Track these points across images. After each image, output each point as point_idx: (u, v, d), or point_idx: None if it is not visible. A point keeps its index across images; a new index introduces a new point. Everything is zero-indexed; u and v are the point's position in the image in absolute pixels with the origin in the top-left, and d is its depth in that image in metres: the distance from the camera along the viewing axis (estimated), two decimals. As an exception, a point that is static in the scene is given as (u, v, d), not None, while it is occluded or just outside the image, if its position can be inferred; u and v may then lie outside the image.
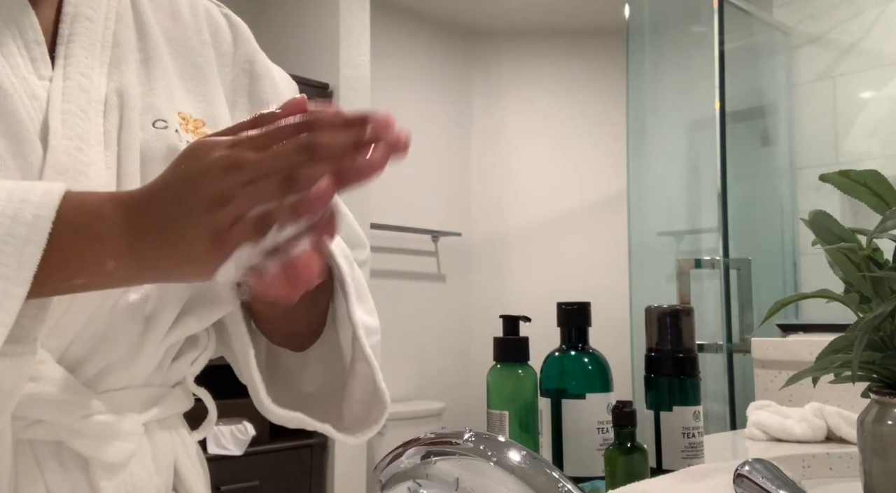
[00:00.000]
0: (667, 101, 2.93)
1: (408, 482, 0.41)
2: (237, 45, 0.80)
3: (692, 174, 2.86)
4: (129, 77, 0.68)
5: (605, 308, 2.15)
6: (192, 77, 0.74)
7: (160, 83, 0.70)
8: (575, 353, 0.93)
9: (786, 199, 2.78)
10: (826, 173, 0.59)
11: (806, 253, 2.67)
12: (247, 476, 2.60)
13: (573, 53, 4.31)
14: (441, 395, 3.95)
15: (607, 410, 0.89)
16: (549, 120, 4.31)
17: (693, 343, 0.92)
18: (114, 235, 0.51)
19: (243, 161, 0.50)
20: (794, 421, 1.11)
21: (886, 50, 2.53)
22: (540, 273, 4.19)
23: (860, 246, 0.58)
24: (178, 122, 0.69)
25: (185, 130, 0.69)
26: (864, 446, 0.58)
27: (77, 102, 0.63)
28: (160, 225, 0.51)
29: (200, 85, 0.74)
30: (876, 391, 0.58)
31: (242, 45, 0.80)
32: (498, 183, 4.32)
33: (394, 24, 3.95)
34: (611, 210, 4.00)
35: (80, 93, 0.64)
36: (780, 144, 2.82)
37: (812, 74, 2.71)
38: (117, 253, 0.51)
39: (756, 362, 1.35)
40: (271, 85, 0.80)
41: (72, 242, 0.51)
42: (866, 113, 2.62)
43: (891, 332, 0.56)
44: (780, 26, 2.78)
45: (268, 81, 0.80)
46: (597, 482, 0.87)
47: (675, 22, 2.95)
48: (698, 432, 0.89)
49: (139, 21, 0.72)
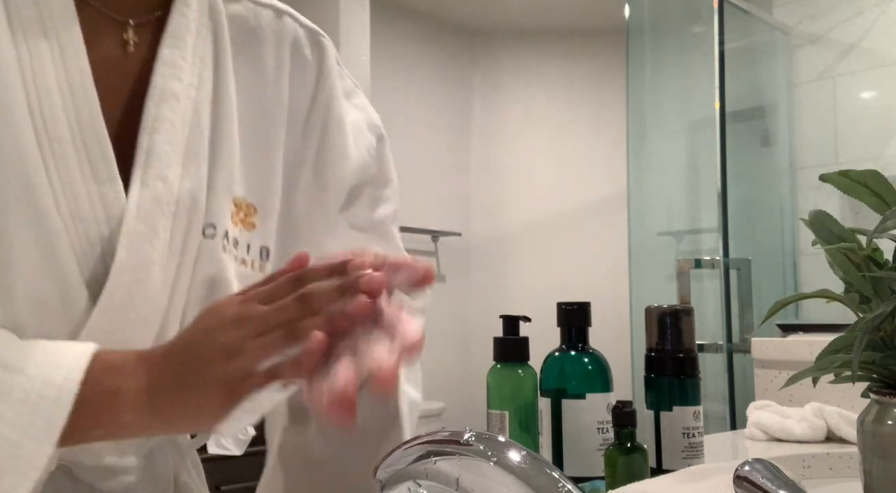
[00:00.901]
0: (667, 101, 2.93)
1: (408, 482, 0.41)
2: (318, 88, 0.76)
3: (692, 174, 2.86)
4: (200, 166, 0.65)
5: (605, 308, 2.15)
6: (255, 151, 0.71)
7: (223, 169, 0.67)
8: (575, 353, 0.93)
9: (786, 199, 2.78)
10: (826, 173, 0.59)
11: (806, 253, 2.67)
12: (247, 476, 2.59)
13: (573, 53, 4.31)
14: (441, 395, 3.95)
15: (607, 410, 0.89)
16: (549, 120, 4.31)
17: (693, 343, 0.92)
18: (133, 389, 0.54)
19: (251, 314, 0.53)
20: (794, 421, 1.11)
21: (886, 50, 2.53)
22: (540, 273, 4.19)
23: (860, 246, 0.58)
24: (229, 213, 0.67)
25: (235, 221, 0.68)
26: (864, 446, 0.58)
27: (149, 219, 0.61)
28: (177, 376, 0.54)
29: (262, 162, 0.72)
30: (876, 391, 0.58)
31: (323, 88, 0.76)
32: (498, 183, 4.32)
33: (394, 24, 3.95)
34: (611, 210, 4.00)
35: (155, 205, 0.61)
36: (780, 144, 2.82)
37: (812, 74, 2.71)
38: (135, 406, 0.53)
39: (756, 362, 1.35)
40: (341, 140, 0.76)
41: (95, 399, 0.53)
42: (866, 113, 2.63)
43: (891, 332, 0.56)
44: (779, 26, 2.78)
45: (338, 136, 0.76)
46: (597, 482, 0.87)
47: (675, 22, 2.95)
48: (698, 432, 0.89)
49: (218, 83, 0.68)
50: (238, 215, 0.69)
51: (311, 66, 0.75)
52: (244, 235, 0.69)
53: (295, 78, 0.74)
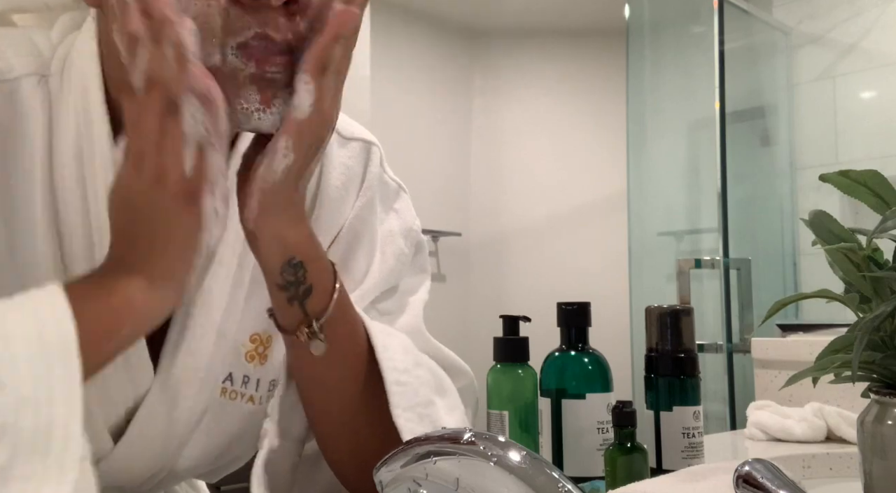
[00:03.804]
0: (667, 101, 2.93)
1: (408, 482, 0.41)
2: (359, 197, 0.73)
3: (692, 174, 2.86)
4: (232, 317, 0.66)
5: (605, 308, 2.15)
6: None
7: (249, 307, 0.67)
8: (575, 353, 0.93)
9: (786, 199, 2.78)
10: (826, 173, 0.59)
11: (806, 253, 2.67)
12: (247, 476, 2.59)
13: (573, 53, 4.31)
14: (441, 395, 3.94)
15: (607, 410, 0.89)
16: (549, 120, 4.31)
17: (693, 343, 0.92)
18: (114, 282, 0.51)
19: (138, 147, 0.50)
20: (794, 421, 1.11)
21: (886, 50, 2.53)
22: (540, 273, 4.19)
23: (860, 246, 0.58)
24: (243, 353, 0.67)
25: (249, 356, 0.68)
26: (864, 446, 0.58)
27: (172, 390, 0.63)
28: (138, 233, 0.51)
29: None
30: (876, 391, 0.58)
31: (364, 197, 0.73)
32: (498, 183, 4.32)
33: (394, 24, 3.95)
34: (611, 210, 4.00)
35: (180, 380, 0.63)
36: (780, 144, 2.82)
37: (812, 74, 2.71)
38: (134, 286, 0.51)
39: (756, 362, 1.35)
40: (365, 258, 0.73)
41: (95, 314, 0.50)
42: (866, 113, 2.63)
43: (891, 332, 0.56)
44: (779, 26, 2.79)
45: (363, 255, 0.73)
46: (597, 482, 0.87)
47: (675, 22, 2.95)
48: (698, 432, 0.89)
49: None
50: (256, 350, 0.68)
51: (357, 177, 0.73)
52: (257, 370, 0.68)
53: (346, 191, 0.73)
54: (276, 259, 0.57)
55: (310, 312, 0.58)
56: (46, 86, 0.60)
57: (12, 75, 0.58)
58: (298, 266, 0.57)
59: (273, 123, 0.54)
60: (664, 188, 2.92)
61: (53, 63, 0.60)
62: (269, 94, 0.53)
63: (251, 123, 0.54)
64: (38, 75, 0.60)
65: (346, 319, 0.62)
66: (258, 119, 0.53)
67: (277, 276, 0.57)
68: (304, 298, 0.58)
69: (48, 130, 0.59)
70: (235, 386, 0.67)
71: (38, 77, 0.60)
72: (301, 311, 0.58)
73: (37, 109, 0.59)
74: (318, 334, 0.58)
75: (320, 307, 0.59)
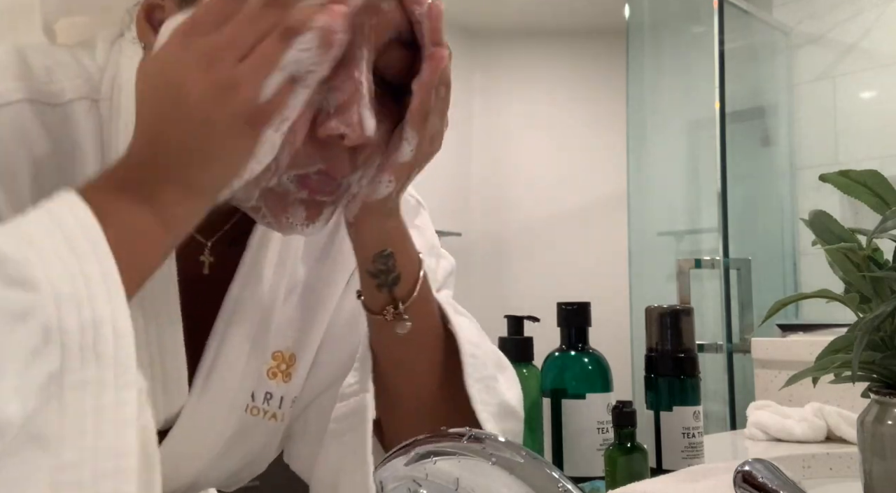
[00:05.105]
0: (667, 101, 2.93)
1: (408, 482, 0.41)
2: None
3: (692, 174, 2.86)
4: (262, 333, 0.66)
5: (605, 308, 2.15)
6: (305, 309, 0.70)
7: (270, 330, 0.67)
8: (575, 353, 0.93)
9: (786, 199, 2.78)
10: (826, 173, 0.59)
11: (806, 253, 2.68)
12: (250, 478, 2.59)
13: (573, 53, 4.31)
14: (441, 395, 3.95)
15: (607, 410, 0.89)
16: (549, 120, 4.31)
17: (693, 343, 0.92)
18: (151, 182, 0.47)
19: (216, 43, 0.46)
20: (794, 421, 1.11)
21: (886, 50, 2.53)
22: (540, 273, 4.19)
23: (860, 246, 0.58)
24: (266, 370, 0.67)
25: (272, 373, 0.67)
26: (864, 446, 0.58)
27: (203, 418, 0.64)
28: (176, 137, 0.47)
29: (313, 316, 0.70)
30: (876, 391, 0.58)
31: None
32: (498, 183, 4.32)
33: (394, 24, 3.95)
34: (611, 210, 4.00)
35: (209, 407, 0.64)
36: (780, 145, 2.82)
37: (812, 74, 2.71)
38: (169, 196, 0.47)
39: (756, 362, 1.35)
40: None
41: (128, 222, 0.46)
42: (866, 113, 2.63)
43: (891, 332, 0.56)
44: (779, 26, 2.79)
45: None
46: (597, 482, 0.87)
47: (675, 22, 2.95)
48: (698, 432, 0.89)
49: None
50: (278, 367, 0.68)
51: None
52: (280, 388, 0.68)
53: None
54: (369, 250, 0.60)
55: (397, 297, 0.62)
56: (97, 110, 0.59)
57: (65, 99, 0.57)
58: (389, 257, 0.61)
59: (314, 232, 0.57)
60: (664, 188, 2.92)
61: (103, 87, 0.59)
62: (315, 212, 0.56)
63: (294, 232, 0.56)
64: (89, 99, 0.59)
65: (427, 299, 0.64)
66: (301, 231, 0.56)
67: (369, 264, 0.61)
68: (393, 285, 0.61)
69: (100, 155, 0.58)
70: (257, 403, 0.67)
71: (89, 101, 0.59)
72: (389, 296, 0.62)
73: (89, 133, 0.58)
74: (403, 315, 0.61)
75: (406, 293, 0.62)
